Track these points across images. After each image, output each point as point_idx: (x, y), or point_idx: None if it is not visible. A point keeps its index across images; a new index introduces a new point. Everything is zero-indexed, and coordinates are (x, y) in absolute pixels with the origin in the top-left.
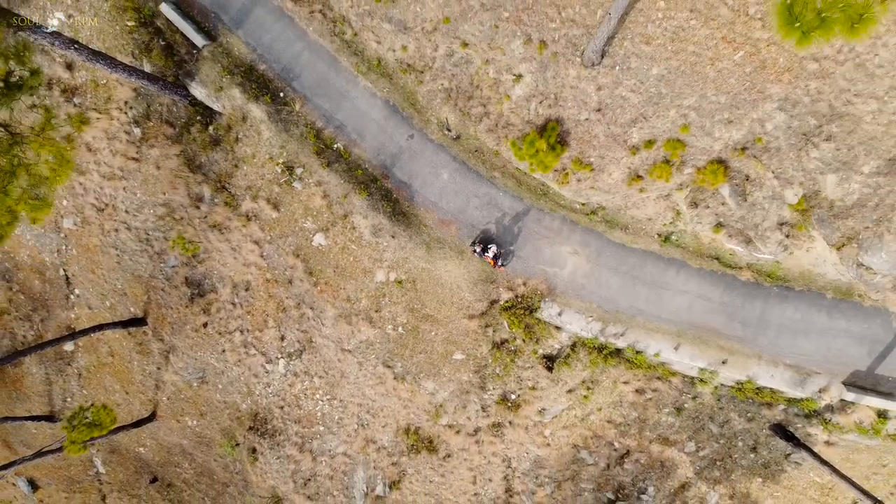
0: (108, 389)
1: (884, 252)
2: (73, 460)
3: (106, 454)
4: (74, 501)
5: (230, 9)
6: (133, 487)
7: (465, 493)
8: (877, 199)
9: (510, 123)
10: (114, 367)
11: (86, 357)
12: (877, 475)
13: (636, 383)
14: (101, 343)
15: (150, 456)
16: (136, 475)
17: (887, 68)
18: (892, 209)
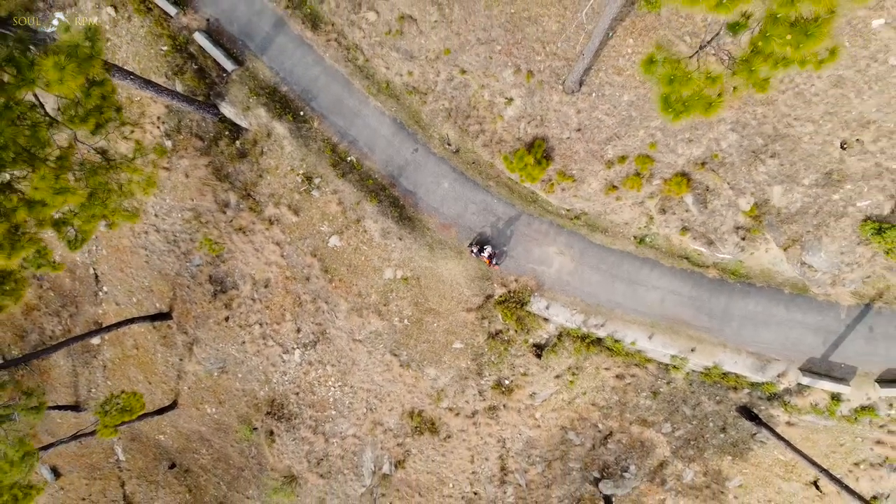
0: (132, 380)
1: (823, 252)
2: (94, 448)
3: (127, 442)
4: (95, 488)
5: (256, 37)
6: (152, 474)
7: (464, 472)
8: (816, 207)
9: (503, 140)
10: (138, 359)
11: (111, 350)
12: (835, 453)
13: (616, 369)
14: (127, 336)
15: (170, 443)
16: (154, 462)
17: (822, 96)
18: (829, 216)
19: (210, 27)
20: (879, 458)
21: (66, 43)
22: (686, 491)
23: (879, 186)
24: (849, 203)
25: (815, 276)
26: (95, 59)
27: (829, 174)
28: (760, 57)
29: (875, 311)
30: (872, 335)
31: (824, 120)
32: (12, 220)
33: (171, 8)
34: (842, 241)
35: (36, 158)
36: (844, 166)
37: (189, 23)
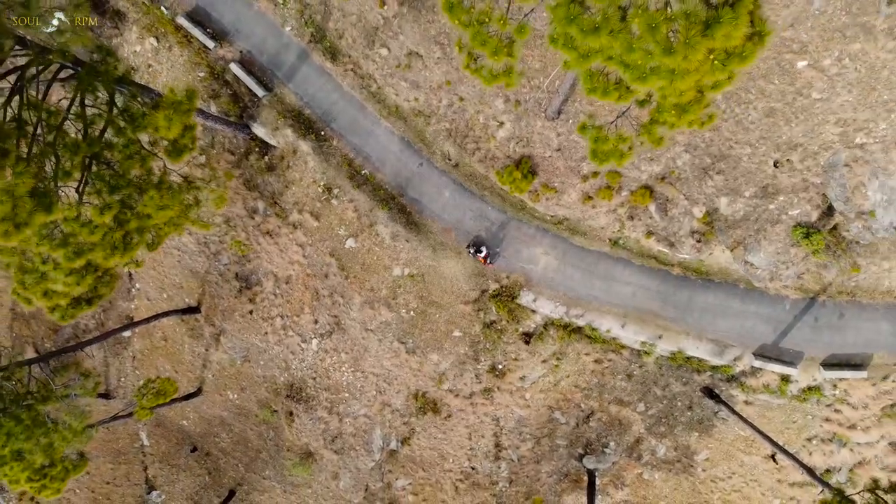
0: (160, 369)
1: (762, 253)
2: (121, 434)
3: (151, 427)
4: (119, 472)
5: (283, 67)
6: (174, 458)
7: (463, 448)
8: (755, 215)
9: (495, 157)
10: (166, 350)
11: (140, 342)
12: (789, 429)
13: (595, 355)
14: (156, 329)
15: (192, 428)
16: (177, 446)
17: (757, 124)
18: (766, 222)
19: (243, 58)
20: (829, 434)
21: (171, 100)
22: (660, 465)
23: (807, 198)
24: (782, 212)
25: (756, 273)
26: (191, 112)
27: (766, 188)
28: (657, 124)
29: (820, 304)
30: (817, 325)
31: (760, 143)
32: (126, 228)
33: (209, 42)
34: (777, 243)
35: (144, 183)
36: (777, 181)
37: (225, 54)
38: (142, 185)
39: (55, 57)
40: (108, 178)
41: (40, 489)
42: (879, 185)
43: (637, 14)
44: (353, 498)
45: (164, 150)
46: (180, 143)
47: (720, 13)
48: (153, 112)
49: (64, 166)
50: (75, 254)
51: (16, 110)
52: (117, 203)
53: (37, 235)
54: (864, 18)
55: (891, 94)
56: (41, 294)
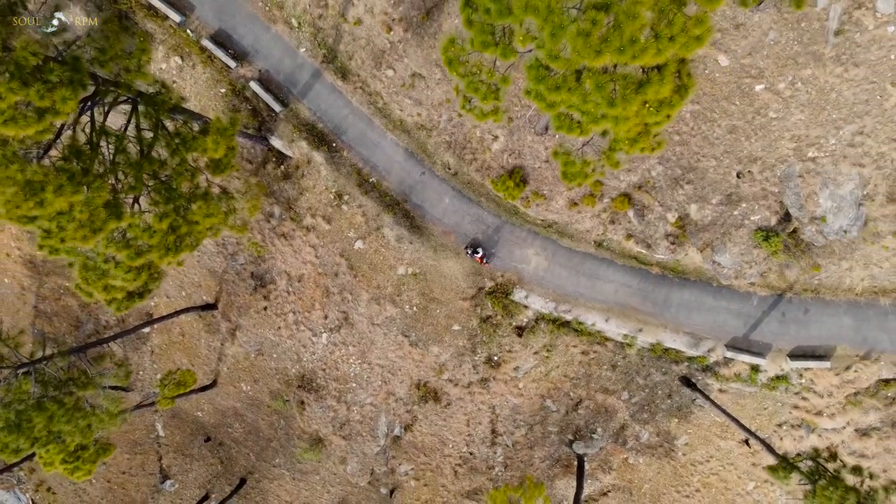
0: (177, 363)
1: (727, 253)
2: (137, 425)
3: (167, 419)
4: (135, 462)
5: (298, 85)
6: (188, 448)
7: (461, 434)
8: (721, 220)
9: (490, 167)
10: (183, 345)
11: (159, 337)
12: (760, 416)
13: (582, 347)
14: (174, 325)
15: (206, 419)
16: (191, 437)
17: (721, 140)
18: (731, 226)
19: (262, 76)
20: (798, 420)
21: (217, 126)
22: (643, 450)
23: (766, 205)
24: (745, 217)
25: (723, 271)
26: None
27: (730, 196)
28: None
29: (786, 300)
30: (784, 319)
31: (724, 156)
32: (178, 233)
33: (230, 62)
34: (741, 245)
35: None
36: (740, 190)
37: (245, 73)
38: (191, 197)
39: (122, 91)
40: (164, 192)
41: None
42: (829, 194)
43: (588, 76)
44: (359, 481)
45: (206, 166)
46: (224, 162)
47: (650, 76)
48: (202, 136)
49: (129, 181)
50: (136, 254)
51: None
52: (172, 211)
53: (105, 239)
54: (814, 47)
55: (839, 114)
56: (101, 288)
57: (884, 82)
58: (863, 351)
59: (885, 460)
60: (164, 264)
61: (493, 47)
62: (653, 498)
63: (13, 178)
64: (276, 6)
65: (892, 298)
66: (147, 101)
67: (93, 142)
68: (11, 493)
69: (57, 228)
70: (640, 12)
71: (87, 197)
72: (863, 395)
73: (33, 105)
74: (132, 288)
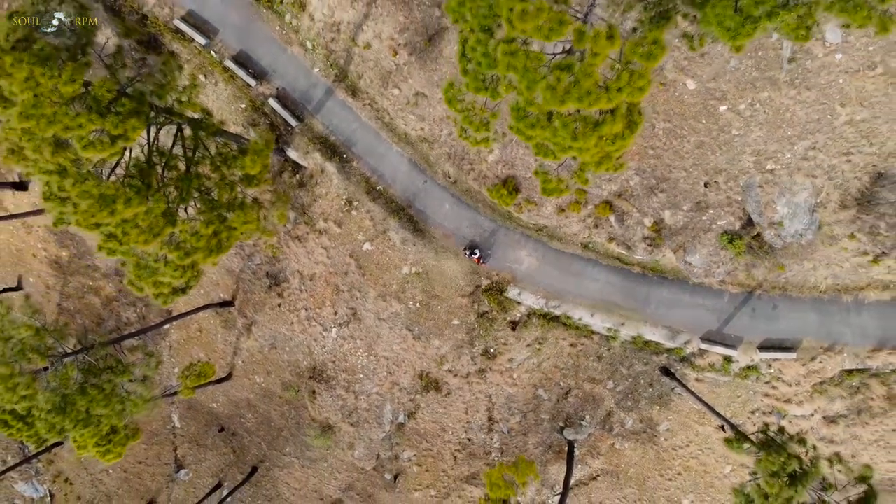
0: (194, 357)
1: (697, 254)
2: (155, 416)
3: (183, 410)
4: (151, 452)
5: (312, 102)
6: (202, 438)
7: (461, 421)
8: (692, 225)
9: (486, 176)
10: (200, 340)
11: (177, 333)
12: (734, 403)
13: (570, 339)
14: (192, 321)
15: (221, 410)
16: (205, 427)
17: (690, 154)
18: (700, 230)
19: (279, 93)
20: (769, 407)
21: (254, 147)
22: (628, 435)
23: (731, 211)
24: (712, 222)
25: (694, 270)
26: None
27: (699, 203)
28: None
29: (756, 297)
30: (755, 314)
31: (693, 168)
32: (219, 237)
33: (251, 80)
34: (709, 247)
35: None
36: (707, 198)
37: (264, 90)
38: (230, 206)
39: (175, 118)
40: (208, 202)
41: (105, 453)
42: (786, 202)
43: (557, 117)
44: (366, 465)
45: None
46: (259, 177)
47: (605, 117)
48: (241, 156)
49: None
50: (185, 255)
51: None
52: (216, 219)
53: (160, 242)
54: (770, 73)
55: (793, 131)
56: (152, 284)
57: (833, 103)
58: (827, 343)
59: (853, 446)
60: (205, 264)
61: (483, 91)
62: (638, 481)
63: (89, 192)
64: (292, 30)
65: (854, 296)
66: (194, 125)
67: (151, 161)
68: (30, 484)
69: (122, 233)
70: (593, 71)
71: (149, 207)
72: (828, 384)
73: (107, 132)
74: (177, 284)
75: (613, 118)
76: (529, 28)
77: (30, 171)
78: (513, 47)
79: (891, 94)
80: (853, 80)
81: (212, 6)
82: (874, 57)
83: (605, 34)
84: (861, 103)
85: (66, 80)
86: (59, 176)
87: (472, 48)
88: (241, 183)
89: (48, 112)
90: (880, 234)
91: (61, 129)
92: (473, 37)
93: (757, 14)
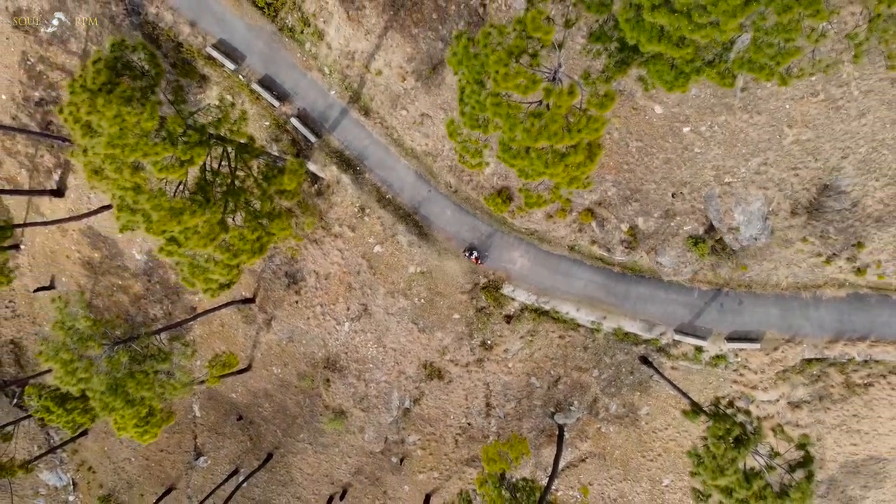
0: (216, 351)
1: (667, 256)
2: (177, 406)
3: (204, 400)
4: (172, 441)
5: (329, 120)
6: (221, 427)
7: (461, 407)
8: (662, 230)
9: (483, 186)
10: (222, 334)
11: (200, 328)
12: (707, 389)
13: (559, 332)
14: (215, 317)
15: (240, 399)
16: (224, 416)
17: (659, 168)
18: (669, 234)
19: (300, 113)
20: (738, 392)
21: (291, 167)
22: (613, 420)
23: (695, 218)
24: (679, 227)
25: (664, 269)
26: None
27: (667, 211)
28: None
29: (724, 294)
30: (723, 309)
31: (661, 181)
32: (261, 241)
33: (274, 101)
34: (677, 249)
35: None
36: (675, 207)
37: (286, 110)
38: (270, 215)
39: (227, 144)
40: (252, 212)
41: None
42: (741, 211)
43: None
44: (374, 448)
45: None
46: (294, 192)
47: (570, 150)
48: (280, 175)
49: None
50: (233, 256)
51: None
52: (259, 226)
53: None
54: (726, 100)
55: (747, 149)
56: (202, 280)
57: (781, 125)
58: (788, 335)
59: (817, 430)
60: (248, 264)
61: (477, 127)
62: (623, 462)
63: (161, 205)
64: (312, 57)
65: (812, 293)
66: (241, 149)
67: (207, 178)
68: (54, 473)
69: (184, 238)
70: (558, 118)
71: (207, 217)
72: (790, 372)
73: (177, 158)
74: (223, 280)
75: (576, 151)
76: (510, 86)
77: (109, 188)
78: (498, 99)
79: (832, 117)
80: (798, 106)
81: (240, 35)
82: (816, 86)
83: (566, 91)
84: (806, 125)
85: (147, 116)
86: (133, 192)
87: (468, 96)
88: (277, 196)
89: (131, 142)
90: (830, 237)
91: (141, 156)
92: (469, 87)
93: (688, 71)
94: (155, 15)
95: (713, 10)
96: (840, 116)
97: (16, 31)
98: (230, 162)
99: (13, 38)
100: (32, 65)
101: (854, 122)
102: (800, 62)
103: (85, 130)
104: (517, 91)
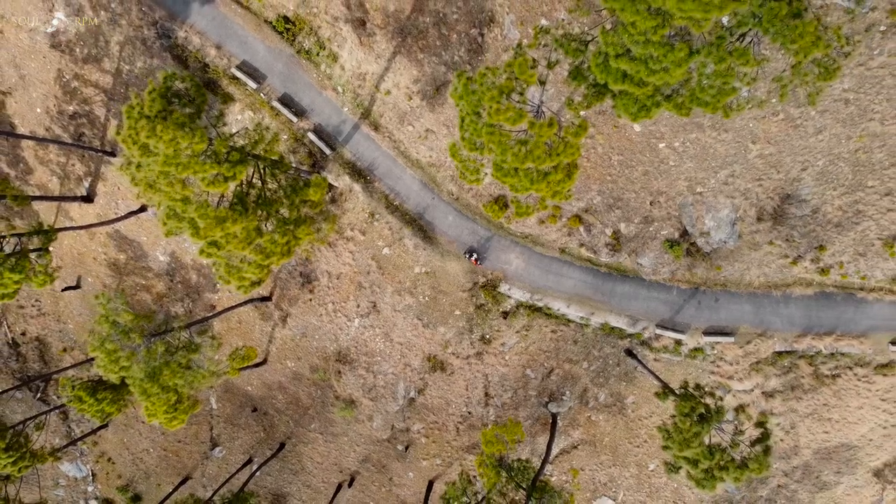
0: (233, 346)
1: (646, 257)
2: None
3: (221, 393)
4: (190, 432)
5: (342, 134)
6: (236, 419)
7: (461, 397)
8: (642, 234)
9: (482, 195)
10: (240, 330)
11: (219, 324)
12: (687, 379)
13: (551, 327)
14: (233, 314)
15: (255, 392)
16: (240, 408)
17: (638, 180)
18: (648, 238)
19: (316, 128)
20: (716, 382)
21: (316, 181)
22: (602, 408)
23: (671, 224)
24: (657, 232)
25: (644, 269)
26: (326, 187)
27: (646, 217)
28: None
29: (701, 292)
30: (700, 306)
31: (641, 191)
32: (290, 244)
33: (293, 117)
34: (656, 251)
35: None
36: (653, 214)
37: (303, 125)
38: (297, 222)
39: (261, 161)
40: (282, 219)
41: (171, 419)
42: (712, 217)
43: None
44: (382, 435)
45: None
46: (318, 202)
47: (551, 170)
48: (306, 188)
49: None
50: (266, 257)
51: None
52: (288, 232)
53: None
54: (697, 119)
55: (716, 163)
56: (237, 279)
57: (746, 141)
58: (760, 330)
59: (791, 418)
60: (277, 264)
61: (475, 150)
62: (612, 449)
63: (207, 215)
64: (327, 77)
65: (782, 291)
66: (273, 165)
67: (244, 191)
68: (74, 465)
69: (225, 242)
70: (540, 144)
71: (245, 224)
72: (763, 364)
73: (222, 174)
74: (255, 279)
75: (556, 171)
76: (502, 118)
77: (161, 199)
78: (492, 129)
79: (791, 133)
80: (761, 124)
81: (261, 57)
82: (777, 107)
83: (546, 123)
84: (768, 141)
85: (198, 139)
86: (182, 203)
87: (468, 125)
88: (303, 206)
89: (184, 161)
90: (795, 241)
91: (192, 173)
92: (468, 118)
93: (649, 104)
94: (184, 38)
95: (663, 59)
96: (799, 133)
97: (53, 51)
98: (262, 176)
99: (49, 57)
100: (67, 81)
101: (812, 138)
102: (737, 99)
103: (143, 151)
104: (507, 122)
